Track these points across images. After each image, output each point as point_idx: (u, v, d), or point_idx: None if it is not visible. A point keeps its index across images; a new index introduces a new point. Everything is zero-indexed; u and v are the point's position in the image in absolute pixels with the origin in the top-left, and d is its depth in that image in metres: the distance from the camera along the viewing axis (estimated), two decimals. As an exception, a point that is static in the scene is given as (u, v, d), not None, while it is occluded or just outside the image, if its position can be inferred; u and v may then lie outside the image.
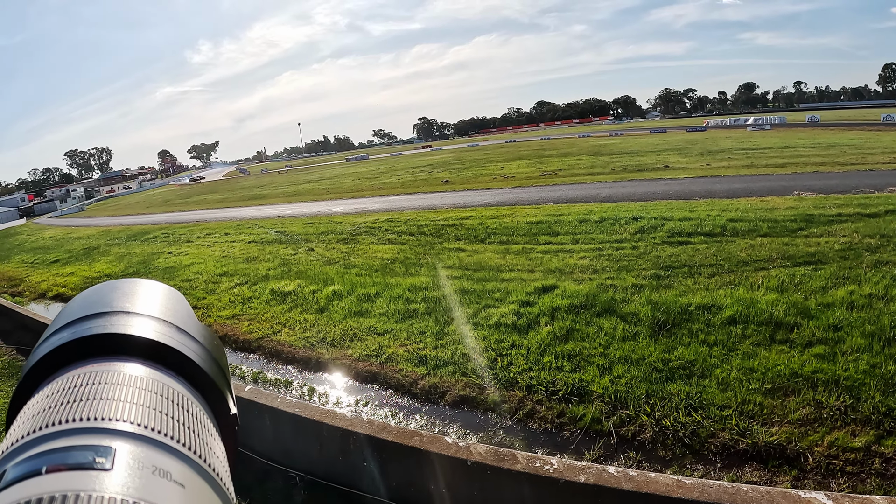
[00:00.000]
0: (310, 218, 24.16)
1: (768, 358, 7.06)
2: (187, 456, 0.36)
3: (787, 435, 5.77)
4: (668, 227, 13.76)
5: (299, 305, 11.91)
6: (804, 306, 8.22)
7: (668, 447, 6.02)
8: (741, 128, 76.92)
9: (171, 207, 48.51)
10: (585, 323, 8.80)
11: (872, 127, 58.52)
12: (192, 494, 0.33)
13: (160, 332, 0.46)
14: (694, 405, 6.39)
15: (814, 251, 10.83)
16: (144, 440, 0.35)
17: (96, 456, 0.32)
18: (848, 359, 6.83)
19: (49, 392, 0.39)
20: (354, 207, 25.63)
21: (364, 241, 17.58)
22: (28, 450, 0.33)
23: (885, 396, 6.07)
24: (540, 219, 16.67)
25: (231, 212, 33.51)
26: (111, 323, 0.45)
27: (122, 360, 0.43)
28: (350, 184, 43.37)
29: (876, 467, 5.33)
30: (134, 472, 0.32)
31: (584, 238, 14.12)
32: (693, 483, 4.57)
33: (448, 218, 18.81)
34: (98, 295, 0.51)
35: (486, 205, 21.04)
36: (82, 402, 0.37)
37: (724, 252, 11.45)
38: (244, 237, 21.56)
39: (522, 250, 13.88)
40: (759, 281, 9.53)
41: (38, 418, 0.36)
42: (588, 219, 15.67)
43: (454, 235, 16.34)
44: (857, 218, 12.83)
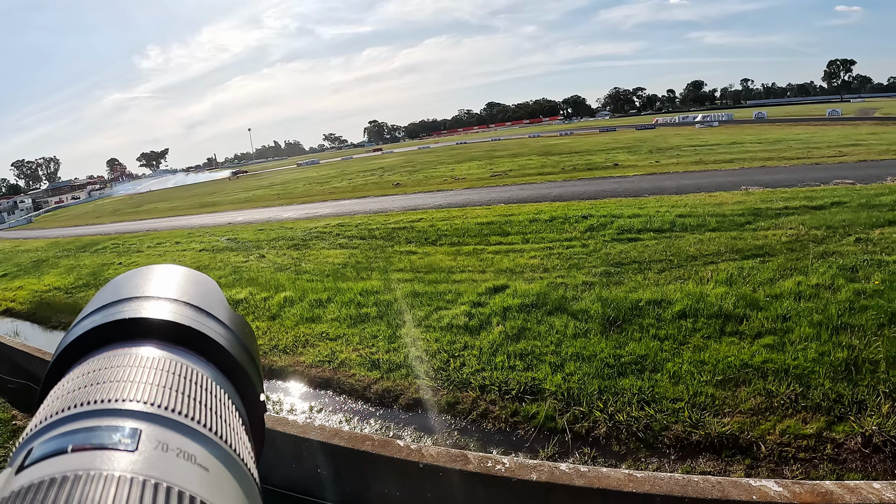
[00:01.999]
0: (261, 224, 25.10)
1: (719, 350, 7.55)
2: (212, 440, 0.38)
3: (740, 425, 6.18)
4: (618, 224, 14.58)
5: (251, 313, 12.00)
6: (753, 298, 8.82)
7: (622, 442, 6.36)
8: (690, 125, 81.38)
9: (121, 217, 49.71)
10: (537, 322, 9.17)
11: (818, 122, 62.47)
12: (215, 478, 0.35)
13: (189, 317, 0.49)
14: (647, 399, 6.77)
15: (761, 244, 11.63)
16: (170, 423, 0.37)
17: (121, 437, 0.34)
18: (797, 348, 7.36)
19: (78, 374, 0.42)
20: (305, 213, 26.91)
21: (315, 246, 18.02)
22: (55, 429, 0.35)
23: (835, 383, 6.59)
24: (491, 219, 17.60)
25: (182, 220, 35.02)
26: (140, 307, 0.49)
27: (149, 344, 0.46)
28: (301, 189, 45.71)
29: (828, 453, 5.80)
30: (158, 453, 0.34)
31: (534, 237, 14.91)
32: (644, 476, 4.86)
33: (399, 221, 19.66)
34: (129, 280, 0.55)
35: (437, 207, 22.14)
36: (109, 384, 0.40)
37: (673, 247, 12.16)
38: (195, 245, 22.26)
39: (473, 251, 14.56)
40: (708, 275, 10.17)
41: (66, 399, 0.39)
42: (538, 218, 16.61)
43: (405, 238, 17.03)
44: (803, 210, 13.86)
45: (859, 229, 12.25)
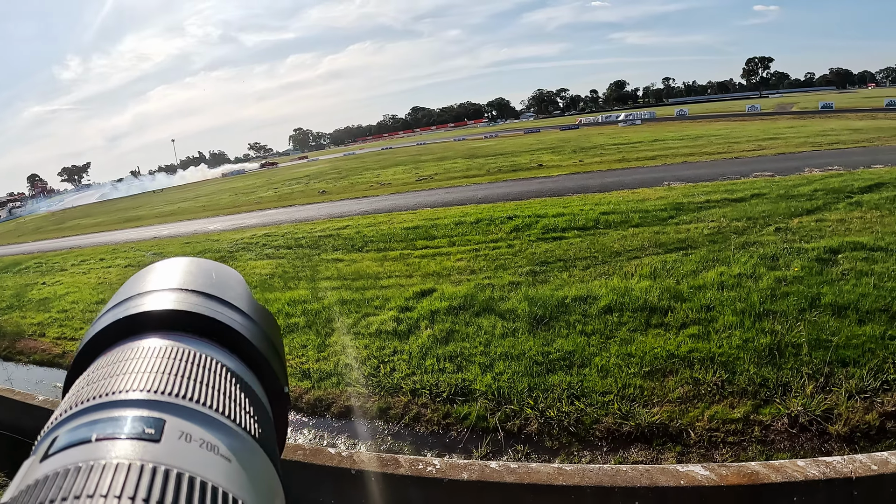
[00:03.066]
0: (187, 237, 25.13)
1: (645, 342, 7.88)
2: (235, 431, 0.40)
3: (669, 414, 6.46)
4: (543, 223, 15.13)
5: None
6: (677, 290, 9.27)
7: (554, 437, 6.55)
8: (613, 124, 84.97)
9: (44, 234, 48.05)
10: (465, 323, 9.33)
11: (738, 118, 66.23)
12: (238, 468, 0.37)
13: (212, 308, 0.51)
14: (576, 394, 6.99)
15: (684, 237, 12.29)
16: (193, 413, 0.39)
17: (145, 427, 0.35)
18: (721, 336, 7.75)
19: (101, 365, 0.44)
20: (231, 224, 27.20)
21: (242, 257, 18.05)
22: (79, 418, 0.37)
23: (759, 368, 7.01)
24: (417, 224, 18.11)
25: (107, 236, 34.50)
26: (163, 299, 0.50)
27: (173, 335, 0.48)
28: (227, 200, 46.33)
29: (756, 435, 6.15)
30: (181, 444, 0.35)
31: (460, 240, 15.39)
32: (573, 469, 5.03)
33: (325, 229, 20.07)
34: (153, 272, 0.57)
35: (363, 213, 22.74)
36: (133, 374, 0.41)
37: (597, 244, 12.67)
38: (120, 261, 21.96)
39: (400, 256, 14.85)
40: (632, 269, 10.66)
41: (90, 389, 0.40)
42: (464, 221, 17.18)
43: (332, 246, 17.28)
44: (724, 203, 14.73)
45: (779, 219, 13.17)
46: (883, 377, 6.65)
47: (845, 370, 6.84)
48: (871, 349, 7.20)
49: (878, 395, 6.42)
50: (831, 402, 6.36)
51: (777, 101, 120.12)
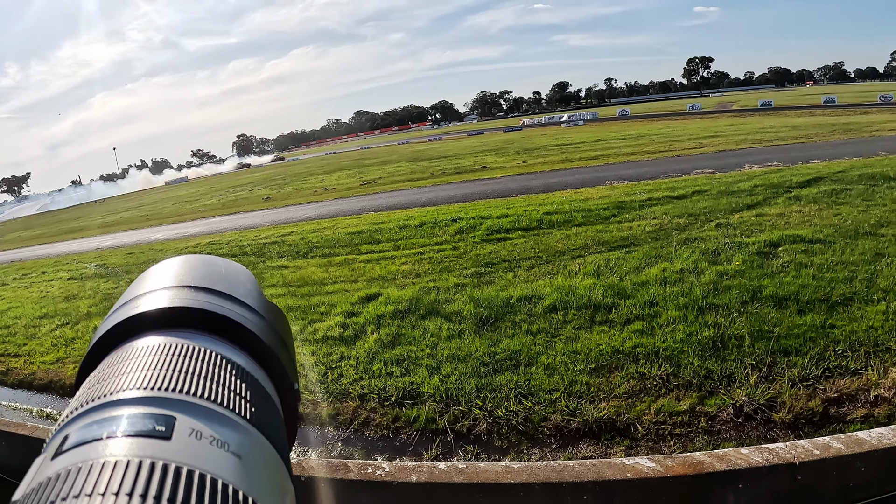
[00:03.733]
0: (130, 248, 24.75)
1: (590, 339, 8.04)
2: (245, 428, 0.40)
3: (616, 408, 6.61)
4: (487, 225, 15.38)
5: None
6: (620, 287, 9.51)
7: (503, 436, 6.64)
8: (556, 125, 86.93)
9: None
10: (411, 327, 9.38)
11: (679, 116, 68.49)
12: (248, 466, 0.37)
13: (222, 307, 0.52)
14: (524, 393, 7.09)
15: (627, 235, 12.68)
16: (203, 411, 0.39)
17: (156, 424, 0.36)
18: (665, 331, 7.98)
19: (112, 362, 0.45)
20: (175, 233, 27.04)
21: None
22: (90, 415, 0.38)
23: (703, 360, 7.23)
24: (361, 228, 18.29)
25: (48, 248, 33.81)
26: (174, 296, 0.52)
27: (183, 333, 0.49)
28: (170, 209, 46.18)
29: (703, 426, 6.35)
30: (192, 441, 0.36)
31: (405, 244, 15.52)
32: (521, 467, 5.12)
33: (270, 236, 20.08)
34: (164, 269, 0.58)
35: (307, 219, 22.92)
36: (144, 371, 0.42)
37: (541, 244, 12.91)
38: (63, 274, 21.24)
39: (345, 261, 14.89)
40: (576, 268, 10.89)
41: (102, 386, 0.41)
42: (409, 224, 17.39)
43: (276, 253, 17.29)
44: (666, 201, 15.30)
45: (720, 215, 13.67)
46: (825, 365, 6.97)
47: (788, 359, 7.13)
48: (812, 338, 7.53)
49: (821, 382, 6.72)
50: (775, 390, 6.62)
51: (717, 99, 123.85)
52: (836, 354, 7.17)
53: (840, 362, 7.02)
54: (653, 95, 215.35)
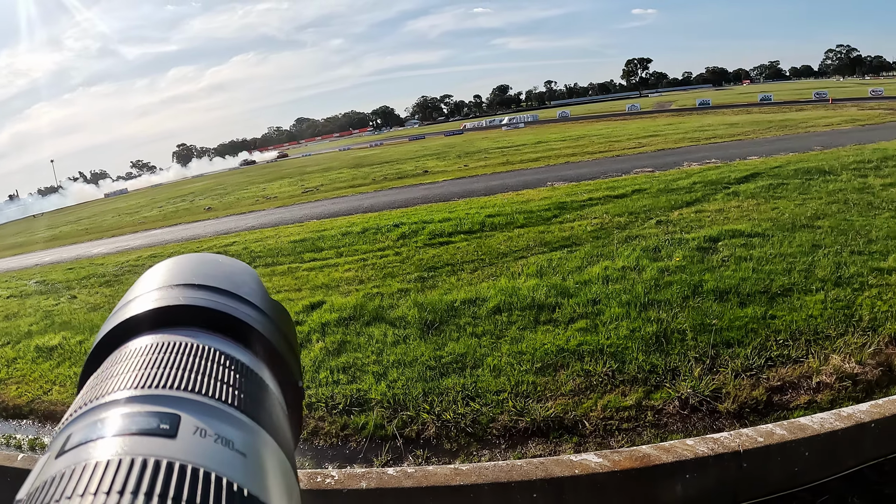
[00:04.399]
0: (70, 263, 24.12)
1: (535, 339, 8.15)
2: (250, 426, 0.41)
3: (563, 407, 6.72)
4: (429, 229, 15.55)
5: (67, 359, 11.20)
6: (563, 287, 9.69)
7: (452, 439, 6.69)
8: (497, 128, 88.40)
9: None
10: (356, 334, 9.37)
11: (619, 117, 70.36)
12: (253, 464, 0.38)
13: (226, 304, 0.52)
14: (471, 395, 7.15)
15: (568, 235, 12.98)
16: (208, 409, 0.40)
17: (160, 423, 0.37)
18: (609, 328, 8.16)
19: (115, 361, 0.45)
20: (116, 246, 26.61)
21: (128, 281, 17.12)
22: (94, 414, 0.38)
23: (648, 355, 7.42)
24: (304, 236, 18.32)
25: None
26: (177, 295, 0.52)
27: (187, 331, 0.49)
28: (110, 221, 45.56)
29: (650, 420, 6.52)
30: (197, 439, 0.36)
31: (348, 251, 15.61)
32: (470, 468, 5.16)
33: (212, 246, 20.07)
34: (165, 268, 0.58)
35: (249, 228, 23.05)
36: (148, 370, 0.42)
37: (484, 247, 13.05)
38: (1, 292, 20.49)
39: (288, 270, 14.90)
40: (519, 269, 11.06)
41: (105, 385, 0.41)
42: (351, 231, 17.51)
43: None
44: (606, 200, 15.76)
45: (660, 212, 14.10)
46: (767, 354, 7.26)
47: (730, 351, 7.38)
48: (753, 329, 7.81)
49: (764, 372, 6.99)
50: (719, 381, 6.84)
51: (656, 99, 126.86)
52: (777, 344, 7.46)
53: (782, 351, 7.31)
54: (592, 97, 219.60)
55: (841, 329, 7.67)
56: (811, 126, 34.78)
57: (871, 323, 7.73)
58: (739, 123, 41.52)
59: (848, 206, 13.16)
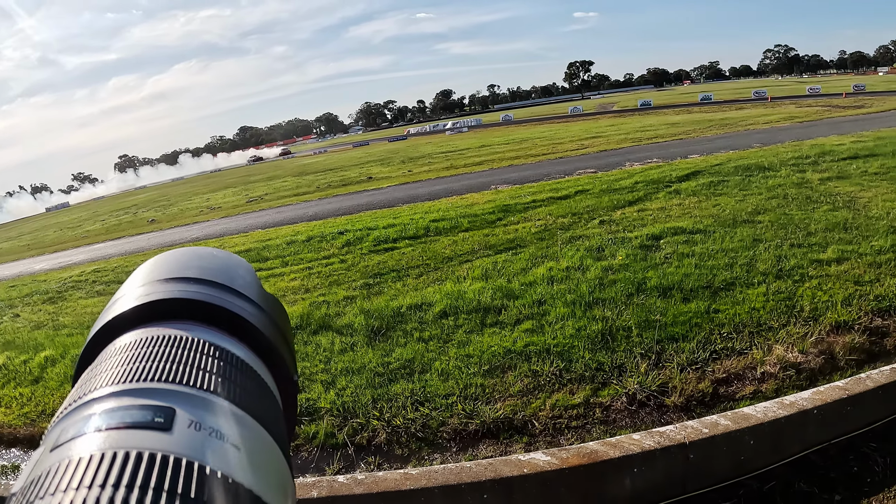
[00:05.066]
0: (11, 280, 23.34)
1: (482, 342, 8.23)
2: (244, 419, 0.41)
3: (512, 407, 6.79)
4: (374, 236, 15.59)
5: (11, 380, 10.83)
6: (509, 289, 9.83)
7: (403, 445, 6.70)
8: (441, 133, 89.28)
9: None
10: (303, 343, 9.30)
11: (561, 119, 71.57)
12: (247, 457, 0.38)
13: (220, 298, 0.52)
14: (420, 400, 7.18)
15: (513, 237, 13.18)
16: (203, 402, 0.40)
17: (155, 416, 0.37)
18: (555, 328, 8.29)
19: (109, 354, 0.46)
20: (59, 262, 25.74)
21: (72, 297, 17.12)
22: (89, 407, 0.38)
23: (594, 353, 7.57)
24: (248, 246, 18.19)
25: None
26: (171, 288, 0.52)
27: (181, 324, 0.49)
28: (52, 236, 44.31)
29: (598, 417, 6.64)
30: (191, 432, 0.37)
31: (293, 259, 15.51)
32: (420, 472, 5.21)
33: None
34: (160, 261, 0.58)
35: (193, 240, 22.90)
36: (142, 363, 0.43)
37: (429, 252, 13.09)
38: None
39: None
40: (464, 273, 11.17)
41: (99, 378, 0.42)
42: (296, 240, 17.41)
43: None
44: (550, 202, 16.08)
45: (602, 212, 14.43)
46: (711, 348, 7.48)
47: (675, 345, 7.59)
48: (697, 324, 8.04)
49: (709, 365, 7.19)
50: (665, 376, 7.01)
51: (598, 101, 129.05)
52: (721, 337, 7.70)
53: (726, 344, 7.54)
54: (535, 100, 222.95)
55: (783, 320, 7.95)
56: (751, 124, 35.89)
57: (813, 313, 8.03)
58: (680, 123, 42.67)
59: (787, 200, 13.63)
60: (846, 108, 44.92)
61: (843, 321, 7.75)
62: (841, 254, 9.80)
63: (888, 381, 5.99)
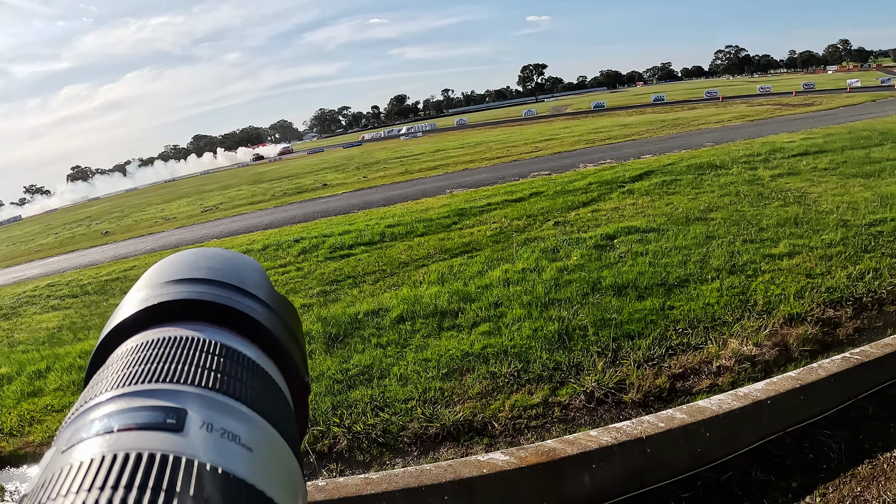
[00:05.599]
0: None
1: (440, 345, 8.29)
2: (256, 420, 0.41)
3: (472, 410, 6.85)
4: (330, 243, 15.59)
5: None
6: (465, 292, 9.90)
7: (364, 451, 6.71)
8: (395, 138, 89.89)
9: None
10: (260, 353, 9.22)
11: (515, 122, 72.35)
12: (259, 458, 0.38)
13: (231, 299, 0.53)
14: (380, 405, 7.19)
15: (468, 241, 13.32)
16: (215, 403, 0.40)
17: (167, 417, 0.37)
18: (512, 329, 8.37)
19: (121, 355, 0.46)
20: (11, 277, 25.46)
21: (26, 312, 16.81)
22: (101, 408, 0.38)
23: (551, 353, 7.67)
24: None
25: None
26: (182, 289, 0.52)
27: (192, 325, 0.49)
28: (4, 251, 43.68)
29: (557, 415, 6.74)
30: (203, 433, 0.37)
31: None
32: (380, 477, 5.24)
33: (111, 272, 19.35)
34: (170, 263, 0.58)
35: (149, 251, 22.64)
36: (154, 364, 0.43)
37: (385, 257, 13.13)
38: None
39: None
40: (420, 277, 11.23)
41: (111, 379, 0.42)
42: (251, 248, 17.35)
43: (120, 290, 16.66)
44: (505, 204, 16.27)
45: (557, 214, 14.65)
46: (667, 344, 7.65)
47: (632, 343, 7.73)
48: (652, 321, 8.21)
49: (666, 361, 7.35)
50: (622, 373, 7.13)
51: (552, 104, 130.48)
52: (677, 333, 7.87)
53: (682, 340, 7.71)
54: (490, 103, 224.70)
55: (737, 314, 8.16)
56: (703, 123, 36.72)
57: (766, 306, 8.25)
58: (633, 124, 43.47)
59: (739, 197, 13.98)
60: (796, 107, 46.28)
61: (795, 313, 7.98)
62: (792, 248, 10.10)
63: (839, 369, 6.18)
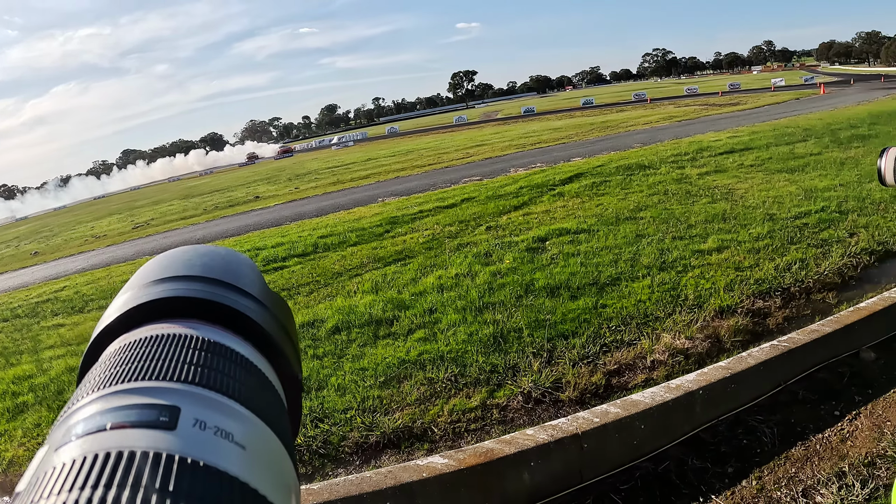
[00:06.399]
0: None
1: (376, 354, 8.32)
2: (249, 418, 0.41)
3: (411, 416, 6.91)
4: (263, 255, 15.44)
5: None
6: (399, 300, 9.98)
7: (306, 463, 6.69)
8: (326, 148, 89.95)
9: None
10: (200, 366, 9.12)
11: (447, 129, 73.05)
12: (252, 456, 0.38)
13: (224, 296, 0.52)
14: (319, 417, 7.19)
15: (401, 249, 13.38)
16: (207, 401, 0.40)
17: (160, 415, 0.37)
18: (447, 334, 8.48)
19: (114, 352, 0.46)
20: None
21: None
22: (93, 406, 0.39)
23: (488, 356, 7.78)
24: None
25: None
26: (175, 286, 0.52)
27: (185, 322, 0.49)
28: None
29: (496, 417, 6.84)
30: (196, 431, 0.37)
31: None
32: (321, 487, 5.26)
33: (42, 293, 18.52)
34: (163, 260, 0.58)
35: (80, 271, 21.79)
36: (146, 361, 0.43)
37: (318, 269, 13.07)
38: None
39: None
40: (354, 287, 11.22)
41: (103, 377, 0.42)
42: None
43: (51, 311, 15.82)
44: (437, 211, 16.49)
45: (489, 218, 14.89)
46: (601, 341, 7.83)
47: (566, 342, 7.89)
48: (586, 320, 8.40)
49: (600, 358, 7.52)
50: (558, 372, 7.27)
51: (482, 110, 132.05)
52: (610, 330, 8.07)
53: (615, 337, 7.91)
54: (421, 111, 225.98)
55: (669, 309, 8.41)
56: (631, 125, 37.72)
57: (697, 300, 8.53)
58: (563, 127, 44.38)
59: (668, 196, 14.42)
60: (723, 106, 47.99)
61: (726, 306, 8.28)
62: (721, 243, 10.48)
63: (768, 357, 6.44)
